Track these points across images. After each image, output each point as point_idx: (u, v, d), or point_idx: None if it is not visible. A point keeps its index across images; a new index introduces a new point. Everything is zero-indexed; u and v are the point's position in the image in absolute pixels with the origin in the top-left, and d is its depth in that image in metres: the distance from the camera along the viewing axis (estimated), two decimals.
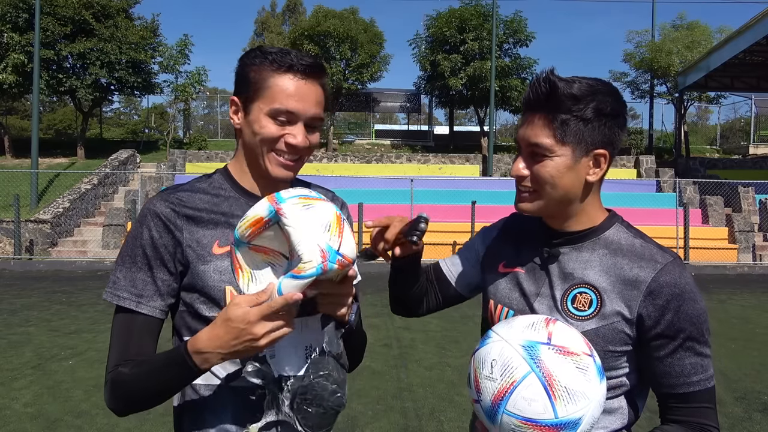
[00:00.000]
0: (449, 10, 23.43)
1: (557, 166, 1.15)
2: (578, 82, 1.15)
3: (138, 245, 1.24)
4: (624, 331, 1.15)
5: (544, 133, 1.15)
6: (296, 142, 1.24)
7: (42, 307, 8.48)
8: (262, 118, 1.24)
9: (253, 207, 1.10)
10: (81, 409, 4.37)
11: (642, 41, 24.66)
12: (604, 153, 1.18)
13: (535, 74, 1.18)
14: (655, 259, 1.16)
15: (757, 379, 5.26)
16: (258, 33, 50.77)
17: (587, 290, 1.18)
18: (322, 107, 1.28)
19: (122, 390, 1.19)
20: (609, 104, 1.16)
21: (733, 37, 17.65)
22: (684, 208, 15.26)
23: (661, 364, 1.16)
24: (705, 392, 1.16)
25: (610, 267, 1.18)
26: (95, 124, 33.48)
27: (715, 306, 9.20)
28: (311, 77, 1.25)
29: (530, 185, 1.19)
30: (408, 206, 14.64)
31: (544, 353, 1.02)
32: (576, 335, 1.08)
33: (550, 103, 1.14)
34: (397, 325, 7.30)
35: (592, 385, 1.02)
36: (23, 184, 16.03)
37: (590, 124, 1.15)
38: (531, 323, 1.09)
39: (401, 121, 40.30)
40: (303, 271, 1.02)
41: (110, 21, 20.85)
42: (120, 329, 1.23)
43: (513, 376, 1.01)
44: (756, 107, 28.38)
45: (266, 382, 1.19)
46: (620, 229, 1.24)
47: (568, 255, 1.23)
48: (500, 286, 1.32)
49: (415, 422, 4.14)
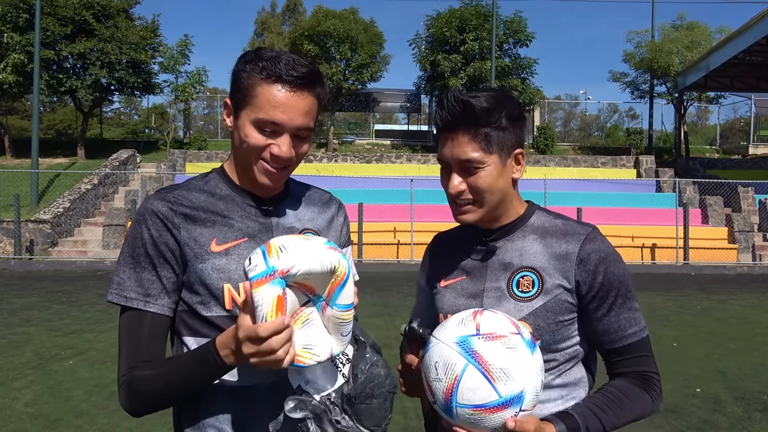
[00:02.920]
0: (449, 10, 23.45)
1: (490, 173, 1.27)
2: (483, 95, 1.25)
3: (139, 245, 1.23)
4: (568, 301, 1.27)
5: (472, 148, 1.25)
6: (280, 153, 1.23)
7: (42, 307, 8.48)
8: (248, 126, 1.24)
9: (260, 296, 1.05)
10: (81, 409, 4.37)
11: (642, 41, 24.69)
12: (521, 152, 1.31)
13: (443, 96, 1.27)
14: (577, 232, 1.30)
15: (757, 379, 5.26)
16: (258, 33, 50.79)
17: (528, 273, 1.30)
18: (313, 117, 1.27)
19: (143, 390, 1.18)
20: (516, 109, 1.29)
21: (733, 37, 17.66)
22: (684, 208, 15.26)
23: (600, 323, 1.28)
24: (641, 342, 1.29)
25: (542, 248, 1.31)
26: (95, 124, 33.48)
27: (715, 306, 9.19)
28: (301, 88, 1.22)
29: (470, 197, 1.29)
30: (408, 206, 14.65)
31: (476, 344, 1.12)
32: (502, 318, 1.17)
33: (468, 119, 1.24)
34: (397, 325, 7.30)
35: (525, 360, 1.12)
36: (23, 184, 16.04)
37: (507, 131, 1.27)
38: (461, 320, 1.18)
39: (401, 121, 40.27)
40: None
41: (110, 21, 20.86)
42: (129, 330, 1.22)
43: (454, 372, 1.11)
44: (756, 107, 28.36)
45: (311, 410, 1.17)
46: (541, 214, 1.37)
47: (503, 247, 1.34)
48: (445, 298, 1.39)
49: (415, 422, 4.14)
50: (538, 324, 1.25)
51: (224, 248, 1.25)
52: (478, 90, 1.27)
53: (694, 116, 43.12)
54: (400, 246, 14.72)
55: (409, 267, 13.69)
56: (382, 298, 9.33)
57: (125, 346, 1.22)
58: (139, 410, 1.22)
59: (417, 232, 14.30)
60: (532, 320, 1.25)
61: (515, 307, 1.27)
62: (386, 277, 11.94)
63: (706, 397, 4.75)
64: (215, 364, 1.13)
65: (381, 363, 1.21)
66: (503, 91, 1.31)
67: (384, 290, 10.20)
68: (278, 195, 1.35)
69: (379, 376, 1.19)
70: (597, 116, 39.92)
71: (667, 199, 17.03)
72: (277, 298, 1.04)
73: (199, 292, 1.24)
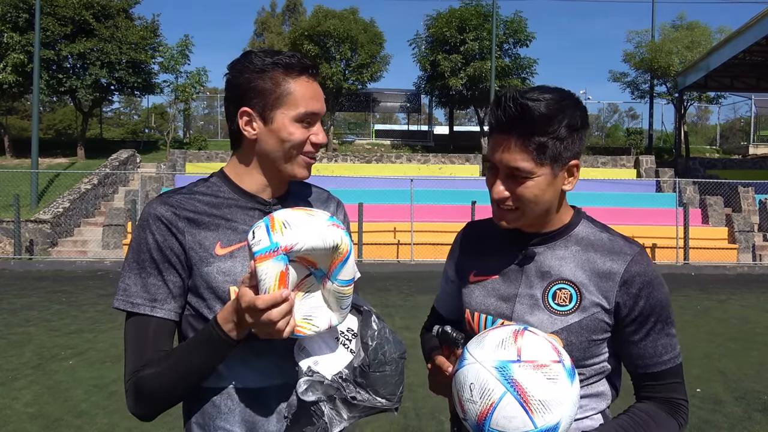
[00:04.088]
0: (449, 10, 23.45)
1: (539, 185, 1.20)
2: (545, 99, 1.16)
3: (144, 250, 1.23)
4: (604, 320, 1.23)
5: (522, 158, 1.18)
6: (321, 140, 1.29)
7: (42, 307, 8.48)
8: (290, 124, 1.25)
9: (263, 270, 1.07)
10: (81, 409, 4.37)
11: (642, 41, 24.70)
12: (577, 163, 1.24)
13: (501, 94, 1.19)
14: (624, 251, 1.25)
15: (757, 379, 5.26)
16: (258, 33, 50.77)
17: (566, 286, 1.25)
18: None
19: (150, 389, 1.18)
20: (578, 117, 1.20)
21: (733, 37, 17.65)
22: (684, 208, 15.25)
23: (636, 347, 1.25)
24: (675, 369, 1.26)
25: (584, 262, 1.25)
26: (95, 124, 33.49)
27: (715, 306, 9.19)
28: (316, 75, 1.30)
29: (512, 204, 1.23)
30: (408, 206, 14.64)
31: (516, 372, 1.08)
32: (544, 344, 1.12)
33: (524, 125, 1.16)
34: (397, 325, 7.30)
35: (564, 391, 1.09)
36: (23, 184, 16.03)
37: (565, 142, 1.19)
38: (501, 340, 1.13)
39: (401, 121, 40.28)
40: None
41: (110, 21, 20.86)
42: (135, 335, 1.22)
43: (491, 398, 1.08)
44: (756, 107, 28.39)
45: (323, 391, 1.18)
46: (587, 225, 1.31)
47: (543, 254, 1.29)
48: (474, 294, 1.35)
49: (415, 422, 4.14)
50: (571, 340, 1.22)
51: (229, 251, 1.25)
52: (540, 91, 1.18)
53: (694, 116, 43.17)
54: (400, 246, 14.70)
55: (409, 267, 13.69)
56: (382, 298, 9.32)
57: (131, 350, 1.22)
58: (148, 412, 1.21)
59: (417, 232, 14.29)
60: (565, 336, 1.22)
61: (549, 319, 1.23)
62: (386, 277, 11.93)
63: (706, 397, 4.75)
64: (220, 339, 1.13)
65: (388, 329, 1.22)
66: (568, 96, 1.20)
67: (384, 290, 10.19)
68: (281, 196, 1.35)
69: (389, 342, 1.19)
70: (597, 116, 39.98)
71: (667, 199, 17.02)
72: (280, 274, 1.07)
73: (204, 296, 1.24)
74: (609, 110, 40.54)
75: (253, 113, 1.26)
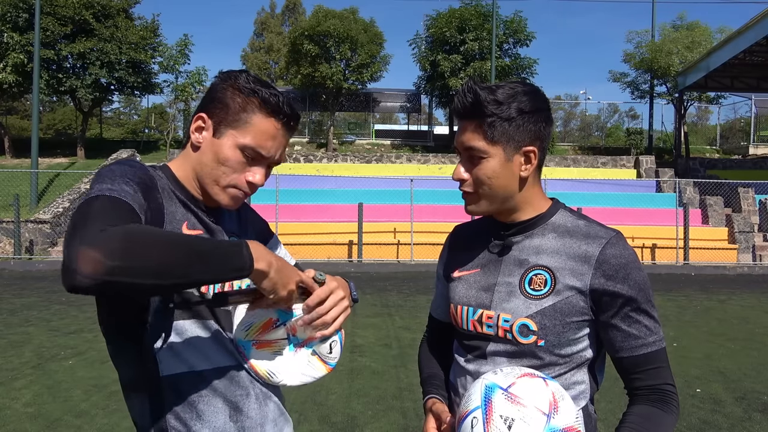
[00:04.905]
0: (449, 10, 23.46)
1: (492, 166, 1.27)
2: (501, 88, 1.26)
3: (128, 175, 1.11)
4: (579, 303, 1.25)
5: (476, 137, 1.26)
6: (256, 181, 1.26)
7: (42, 306, 8.48)
8: (231, 148, 1.22)
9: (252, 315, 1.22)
10: (81, 409, 4.36)
11: (642, 41, 24.69)
12: (533, 149, 1.28)
13: (461, 85, 1.28)
14: (599, 235, 1.27)
15: (757, 379, 5.26)
16: (258, 33, 50.76)
17: (542, 271, 1.28)
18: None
19: (146, 242, 0.93)
20: (528, 102, 1.26)
21: (733, 37, 17.65)
22: (684, 208, 15.27)
23: (619, 330, 1.26)
24: (660, 352, 1.26)
25: (560, 248, 1.29)
26: (95, 124, 33.49)
27: (715, 306, 9.19)
28: (292, 128, 1.27)
29: (471, 188, 1.31)
30: (408, 206, 14.65)
31: (497, 396, 1.11)
32: (542, 394, 1.12)
33: (476, 109, 1.25)
34: (397, 325, 7.30)
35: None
36: (23, 184, 16.03)
37: (514, 123, 1.25)
38: (510, 371, 1.18)
39: (401, 121, 40.30)
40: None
41: (110, 21, 20.87)
42: (103, 207, 1.00)
43: (467, 406, 1.14)
44: (756, 107, 28.34)
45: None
46: (565, 214, 1.35)
47: (520, 243, 1.33)
48: (457, 289, 1.40)
49: (415, 422, 4.14)
50: (545, 323, 1.24)
51: (195, 234, 1.23)
52: (501, 82, 1.29)
53: (694, 116, 43.15)
54: (399, 246, 14.70)
55: (409, 267, 13.69)
56: (382, 298, 9.32)
57: (100, 215, 0.97)
58: (128, 267, 0.90)
59: (417, 233, 14.29)
60: (539, 319, 1.25)
61: (524, 304, 1.27)
62: (386, 277, 11.94)
63: (706, 397, 4.74)
64: (241, 256, 1.02)
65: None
66: (525, 84, 1.30)
67: (384, 290, 10.19)
68: (216, 208, 1.32)
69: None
70: (597, 116, 40.01)
71: (667, 200, 17.03)
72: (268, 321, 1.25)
73: None
74: (609, 110, 40.52)
75: (207, 122, 1.24)
